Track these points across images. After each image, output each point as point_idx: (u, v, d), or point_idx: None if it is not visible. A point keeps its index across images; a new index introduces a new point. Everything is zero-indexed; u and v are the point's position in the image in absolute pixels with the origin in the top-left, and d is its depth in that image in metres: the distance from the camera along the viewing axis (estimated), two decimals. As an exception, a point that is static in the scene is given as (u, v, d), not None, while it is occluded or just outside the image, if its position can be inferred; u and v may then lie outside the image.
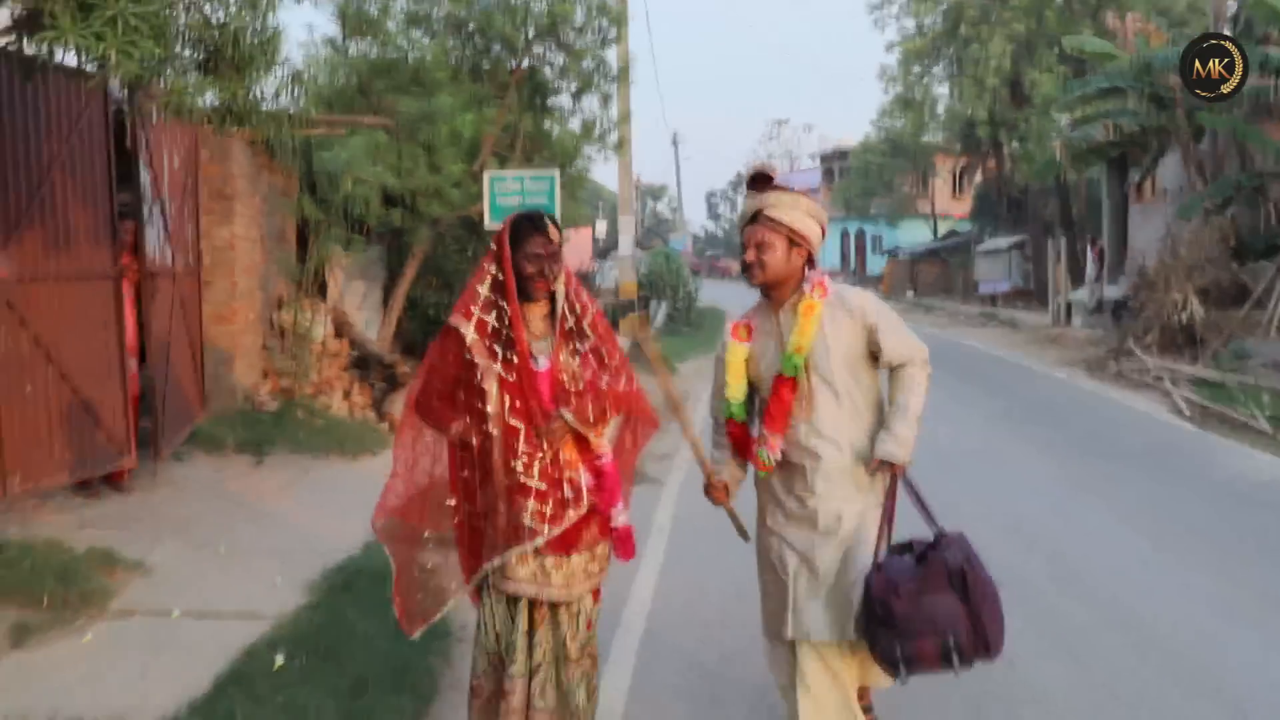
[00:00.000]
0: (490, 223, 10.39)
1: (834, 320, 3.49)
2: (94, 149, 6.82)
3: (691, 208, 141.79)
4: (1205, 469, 9.25)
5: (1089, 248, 24.31)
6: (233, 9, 4.07)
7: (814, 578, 3.47)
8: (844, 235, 58.21)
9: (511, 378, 3.28)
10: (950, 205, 49.74)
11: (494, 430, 3.29)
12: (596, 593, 3.52)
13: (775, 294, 3.60)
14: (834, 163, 57.40)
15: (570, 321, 3.40)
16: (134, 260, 7.38)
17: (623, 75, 12.96)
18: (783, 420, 3.51)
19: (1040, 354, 20.33)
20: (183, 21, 3.88)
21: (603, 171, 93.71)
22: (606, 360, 3.41)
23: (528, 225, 3.33)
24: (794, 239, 3.52)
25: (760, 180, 3.60)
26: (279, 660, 4.30)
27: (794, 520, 3.54)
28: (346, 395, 10.34)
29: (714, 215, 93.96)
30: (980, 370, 16.57)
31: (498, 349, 3.30)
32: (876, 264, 52.10)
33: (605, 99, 12.38)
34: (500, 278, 3.30)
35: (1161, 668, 4.65)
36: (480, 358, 3.29)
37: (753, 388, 3.70)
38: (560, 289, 3.38)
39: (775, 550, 3.59)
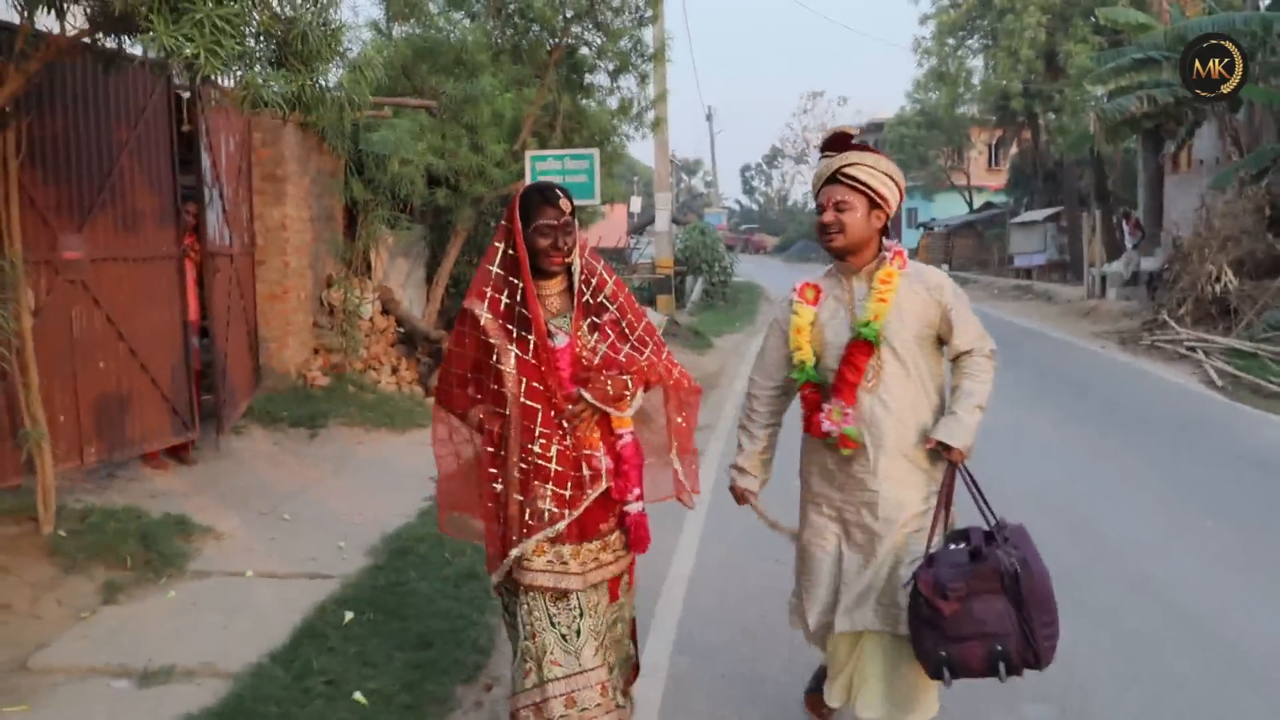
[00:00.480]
0: (532, 202, 10.66)
1: (910, 293, 3.35)
2: (159, 135, 7.15)
3: (726, 183, 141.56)
4: (1231, 438, 9.41)
5: (1124, 220, 24.22)
6: (300, 5, 4.34)
7: (866, 567, 3.33)
8: (879, 209, 58.06)
9: (529, 357, 3.13)
10: (986, 178, 49.45)
11: (510, 412, 3.15)
12: (615, 585, 3.35)
13: (852, 259, 3.42)
14: (869, 136, 57.10)
15: (588, 295, 3.23)
16: (196, 241, 7.72)
17: (659, 55, 13.18)
18: (854, 390, 3.32)
19: (1074, 326, 20.40)
20: (256, 19, 4.14)
21: (637, 148, 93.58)
22: (629, 332, 3.27)
23: (537, 198, 3.17)
24: (875, 200, 3.34)
25: (839, 140, 3.44)
26: (348, 616, 4.63)
27: (851, 500, 3.38)
28: (394, 371, 10.68)
29: (749, 190, 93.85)
30: (1012, 343, 16.62)
31: (512, 328, 3.15)
32: (911, 238, 51.92)
33: (642, 78, 12.62)
34: (512, 253, 3.15)
35: (1170, 622, 4.88)
36: (496, 338, 3.15)
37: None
38: (576, 262, 3.22)
39: (823, 527, 3.45)
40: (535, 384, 3.13)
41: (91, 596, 4.84)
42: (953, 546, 3.19)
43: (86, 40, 4.96)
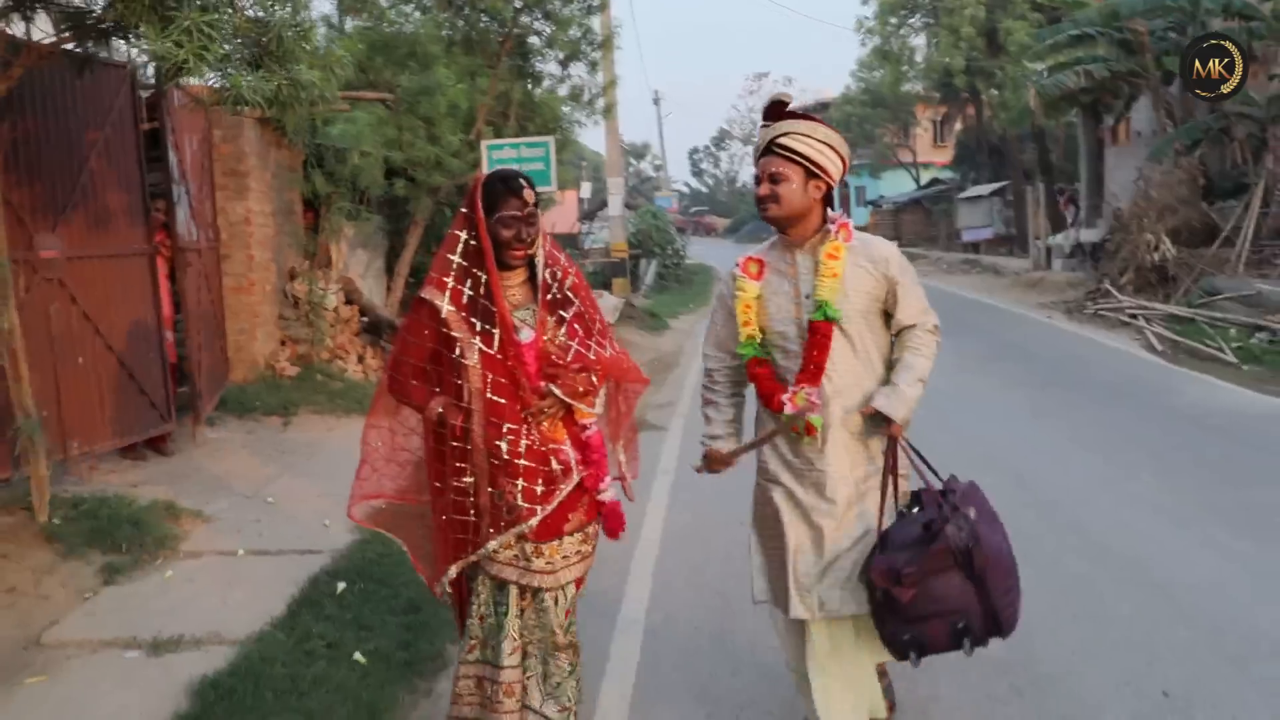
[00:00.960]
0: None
1: (855, 266, 3.27)
2: (126, 135, 7.32)
3: (675, 166, 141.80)
4: (1167, 398, 9.88)
5: (1058, 197, 24.86)
6: (275, 8, 4.57)
7: (819, 550, 3.27)
8: (827, 188, 58.56)
9: (493, 351, 3.06)
10: (932, 154, 50.05)
11: (475, 407, 3.07)
12: (580, 580, 3.33)
13: (793, 232, 3.34)
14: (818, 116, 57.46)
15: (554, 289, 3.17)
16: (166, 238, 7.90)
17: (607, 42, 13.45)
18: (819, 372, 3.24)
19: (1021, 298, 20.96)
20: (232, 23, 4.37)
21: (585, 134, 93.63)
22: (590, 325, 3.23)
23: (501, 187, 3.06)
24: (811, 170, 3.24)
25: (775, 109, 3.33)
26: (341, 586, 4.90)
27: (800, 480, 3.32)
28: (360, 360, 10.90)
29: (697, 172, 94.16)
30: (959, 315, 17.09)
31: (476, 321, 3.07)
32: (861, 216, 52.42)
33: (592, 65, 12.88)
34: (475, 244, 3.05)
35: (1107, 566, 5.27)
36: (458, 331, 3.06)
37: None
38: (540, 254, 3.15)
39: (775, 509, 3.36)
40: (501, 379, 3.06)
41: (92, 578, 5.06)
42: (909, 512, 3.20)
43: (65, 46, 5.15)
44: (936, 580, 3.02)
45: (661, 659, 4.42)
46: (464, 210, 3.09)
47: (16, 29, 5.67)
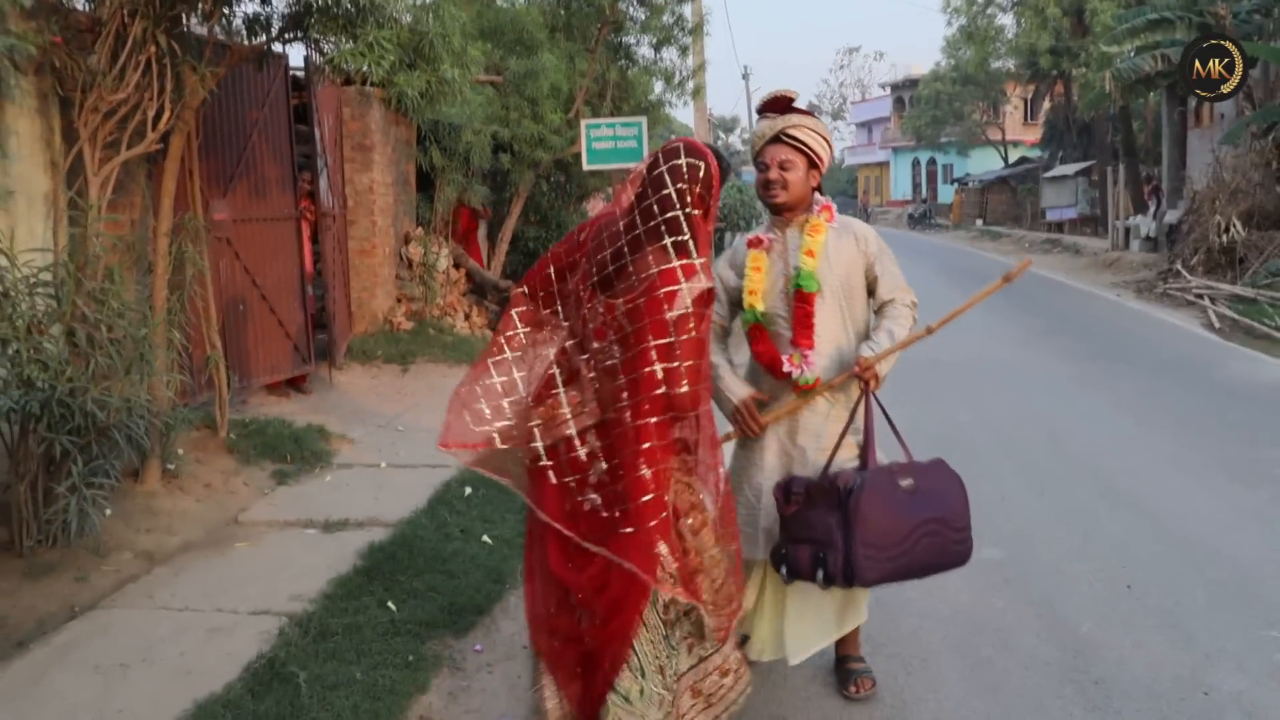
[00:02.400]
0: (588, 164, 11.97)
1: (838, 241, 3.62)
2: (280, 116, 8.51)
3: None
4: (1210, 371, 10.57)
5: (1145, 184, 25.12)
6: (428, 20, 5.66)
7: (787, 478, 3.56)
8: (914, 165, 58.51)
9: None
10: (1022, 133, 49.72)
11: (703, 425, 2.98)
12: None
13: (787, 214, 3.67)
14: (904, 91, 57.24)
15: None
16: (310, 204, 9.11)
17: (697, 29, 14.37)
18: (808, 335, 3.57)
19: (1095, 278, 21.44)
20: (398, 35, 5.47)
21: (677, 110, 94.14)
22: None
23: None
24: (813, 160, 3.61)
25: (779, 103, 3.67)
26: (468, 491, 6.02)
27: (775, 429, 3.66)
28: (467, 317, 12.09)
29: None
30: (1030, 292, 17.70)
31: None
32: (947, 193, 52.53)
33: (683, 50, 13.82)
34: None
35: (1105, 497, 6.15)
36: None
37: None
38: None
39: (753, 459, 3.69)
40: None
41: (266, 480, 6.27)
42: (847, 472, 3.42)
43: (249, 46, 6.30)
44: (815, 511, 3.35)
45: None
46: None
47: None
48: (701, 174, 2.82)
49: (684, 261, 2.77)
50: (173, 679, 3.72)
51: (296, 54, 16.00)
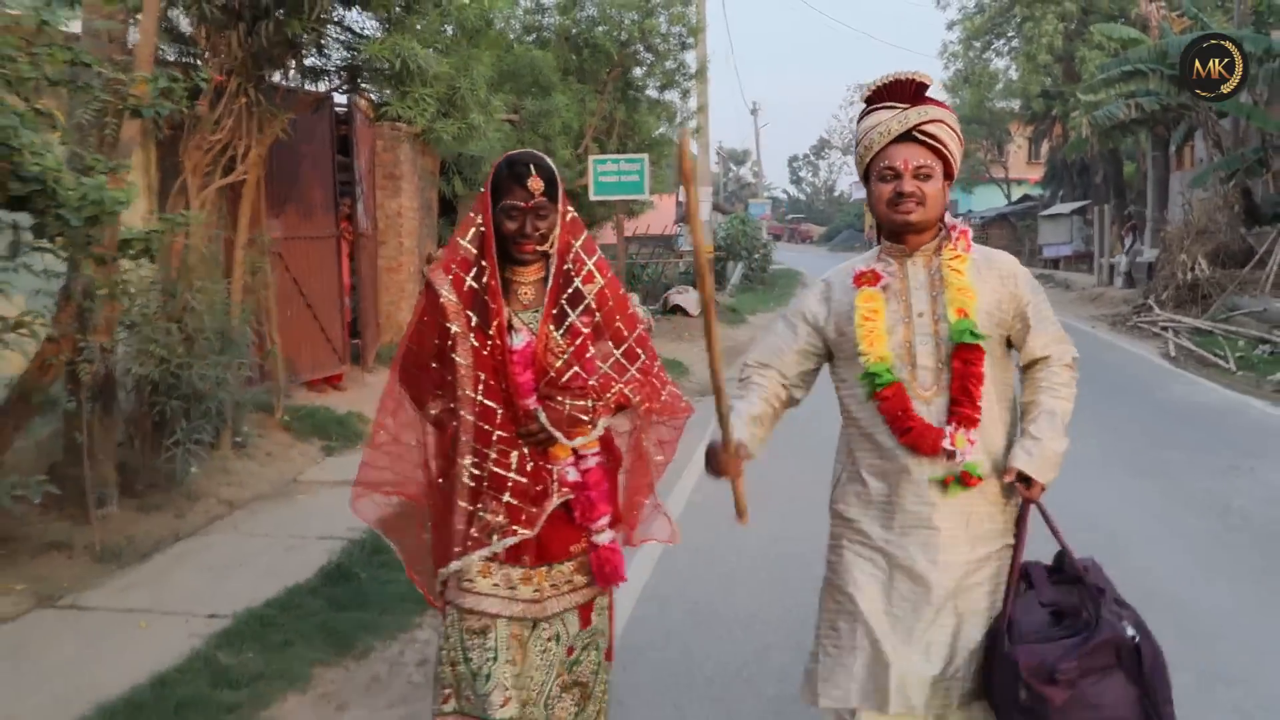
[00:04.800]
0: (594, 195, 13.28)
1: (980, 281, 2.69)
2: (324, 148, 9.83)
3: (774, 172, 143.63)
4: (1154, 393, 11.76)
5: (1122, 223, 26.46)
6: (461, 80, 6.95)
7: (916, 626, 2.63)
8: (918, 200, 59.70)
9: (486, 351, 2.72)
10: (1026, 171, 50.85)
11: (464, 413, 2.71)
12: (588, 607, 2.89)
13: (914, 239, 2.75)
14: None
15: (573, 287, 2.79)
16: (348, 226, 10.41)
17: (700, 74, 15.75)
18: (975, 406, 2.64)
19: (1078, 311, 22.64)
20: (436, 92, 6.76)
21: (677, 136, 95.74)
22: (614, 344, 2.85)
23: (506, 172, 2.70)
24: (950, 167, 2.72)
25: (907, 89, 2.74)
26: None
27: (901, 538, 2.67)
28: (482, 330, 13.37)
29: (796, 180, 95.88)
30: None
31: (472, 315, 2.72)
32: (947, 229, 53.69)
33: (684, 94, 15.18)
34: (484, 230, 2.72)
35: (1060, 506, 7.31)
36: (455, 323, 2.70)
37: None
38: (556, 249, 2.77)
39: (861, 570, 2.71)
40: (493, 382, 2.73)
41: (316, 453, 7.53)
42: (1024, 591, 2.67)
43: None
44: (1096, 682, 2.47)
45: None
46: (481, 191, 2.77)
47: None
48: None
49: None
50: (264, 576, 4.95)
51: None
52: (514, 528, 2.71)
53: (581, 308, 2.78)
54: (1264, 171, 18.60)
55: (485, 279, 2.70)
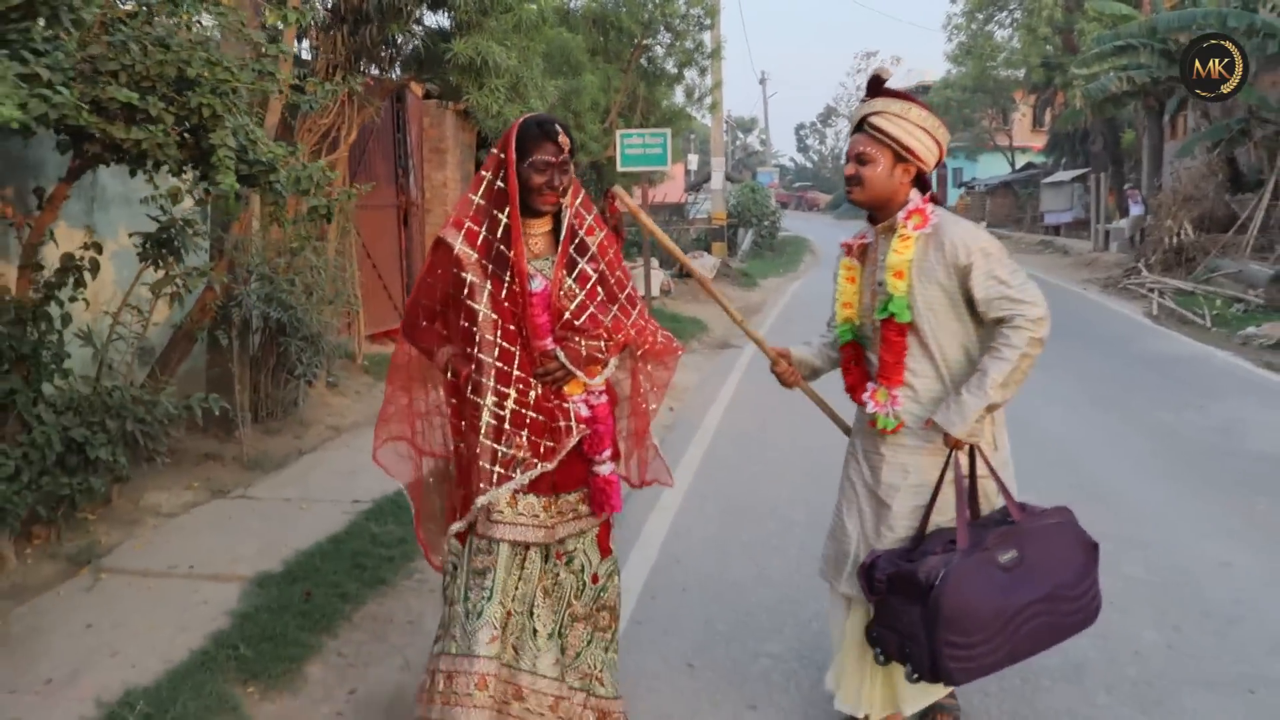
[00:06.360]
0: (621, 167, 14.45)
1: (925, 256, 3.09)
2: (387, 126, 11.00)
3: (781, 140, 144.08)
4: (1130, 345, 12.94)
5: (1127, 189, 27.51)
6: (523, 69, 8.12)
7: (863, 530, 3.25)
8: (924, 169, 60.44)
9: (503, 298, 2.92)
10: (1030, 139, 51.38)
11: (484, 356, 2.91)
12: (605, 534, 3.22)
13: (879, 215, 3.21)
14: (916, 97, 58.97)
15: (580, 237, 3.02)
16: (403, 196, 11.62)
17: (715, 54, 16.85)
18: (898, 370, 3.15)
19: (1072, 274, 23.77)
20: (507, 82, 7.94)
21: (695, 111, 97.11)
22: (617, 290, 3.09)
23: (536, 130, 2.93)
24: (900, 153, 3.09)
25: (874, 84, 3.19)
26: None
27: (868, 461, 3.28)
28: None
29: (803, 148, 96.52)
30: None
31: (489, 265, 2.93)
32: (952, 197, 54.62)
33: (702, 71, 16.31)
34: (501, 186, 2.91)
35: (1041, 449, 8.54)
36: (471, 274, 2.91)
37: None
38: (567, 204, 3.00)
39: (848, 487, 3.35)
40: (511, 326, 2.93)
41: (395, 392, 8.75)
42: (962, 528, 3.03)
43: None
44: (897, 598, 2.98)
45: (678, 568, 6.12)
46: (496, 152, 2.94)
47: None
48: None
49: None
50: (383, 480, 6.18)
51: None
52: (535, 460, 2.94)
53: (588, 256, 3.02)
54: (1247, 141, 19.66)
55: (502, 230, 2.90)
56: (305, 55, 7.85)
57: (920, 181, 3.18)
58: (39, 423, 4.80)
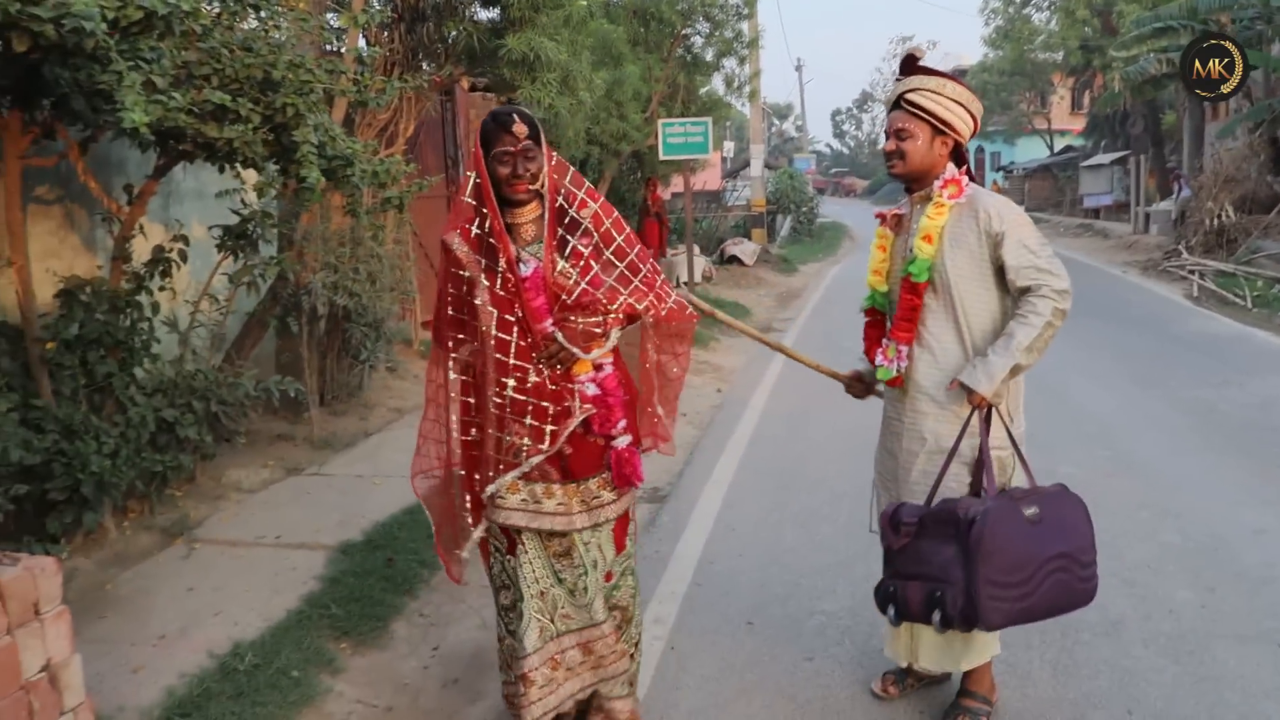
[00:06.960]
0: (663, 155, 14.68)
1: (958, 224, 3.23)
2: (437, 120, 11.31)
3: (817, 126, 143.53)
4: (1170, 326, 13.05)
5: (1170, 171, 27.39)
6: (571, 61, 8.39)
7: (890, 492, 3.45)
8: (963, 152, 60.13)
9: (499, 288, 3.01)
10: (1069, 122, 50.95)
11: (485, 347, 3.02)
12: (621, 531, 3.26)
13: (915, 188, 3.35)
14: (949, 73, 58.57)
15: (569, 214, 3.08)
16: (454, 187, 11.93)
17: (753, 43, 17.03)
18: (909, 329, 3.31)
19: (1112, 257, 23.75)
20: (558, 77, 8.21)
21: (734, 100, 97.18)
22: (616, 259, 3.12)
23: (493, 124, 3.01)
24: (938, 127, 3.24)
25: (908, 63, 3.35)
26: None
27: (887, 426, 3.51)
28: (562, 278, 14.93)
29: (839, 134, 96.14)
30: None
31: (482, 259, 3.03)
32: (993, 181, 54.36)
33: (741, 60, 16.50)
34: (479, 182, 3.02)
35: (1044, 394, 8.73)
36: (469, 269, 3.03)
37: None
38: (547, 185, 3.04)
39: (879, 456, 3.58)
40: (508, 315, 3.01)
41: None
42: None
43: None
44: (929, 542, 3.04)
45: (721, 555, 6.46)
46: (474, 149, 3.03)
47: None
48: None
49: None
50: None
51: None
52: (537, 446, 3.03)
53: (580, 231, 3.06)
54: (1286, 122, 19.60)
55: (488, 223, 3.00)
56: (364, 53, 8.15)
57: (957, 154, 3.32)
58: (133, 404, 5.15)
